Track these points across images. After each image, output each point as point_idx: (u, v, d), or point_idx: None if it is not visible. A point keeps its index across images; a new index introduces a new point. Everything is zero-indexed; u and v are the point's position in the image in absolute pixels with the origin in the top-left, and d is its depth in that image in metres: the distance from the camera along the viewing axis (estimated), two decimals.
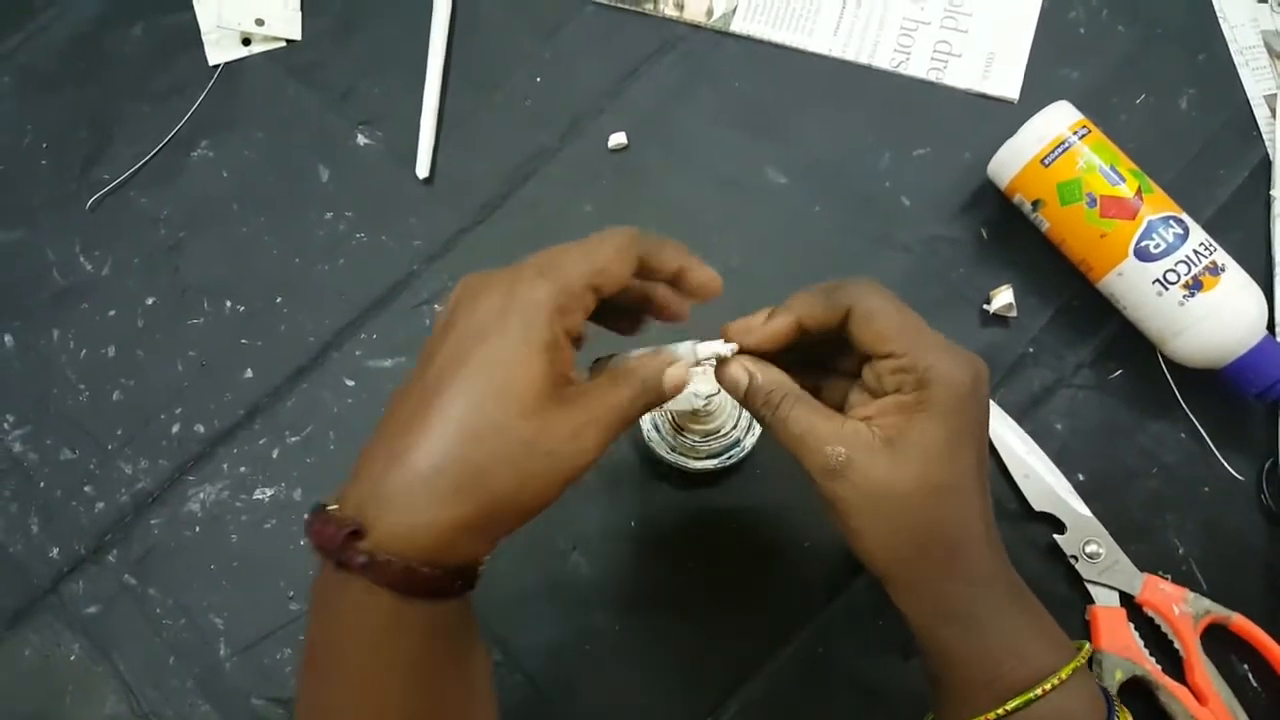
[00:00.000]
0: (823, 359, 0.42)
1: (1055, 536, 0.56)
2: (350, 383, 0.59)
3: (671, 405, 0.52)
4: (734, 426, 0.54)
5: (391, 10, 0.67)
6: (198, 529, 0.57)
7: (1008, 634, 0.38)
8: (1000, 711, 0.37)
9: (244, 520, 0.57)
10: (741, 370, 0.40)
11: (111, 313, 0.61)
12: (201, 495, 0.57)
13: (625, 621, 0.55)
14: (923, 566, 0.38)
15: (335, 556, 0.33)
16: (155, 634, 0.55)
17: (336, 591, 0.33)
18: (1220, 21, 0.68)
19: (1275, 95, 0.66)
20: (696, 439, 0.53)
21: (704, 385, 0.51)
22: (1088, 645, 0.41)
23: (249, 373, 0.59)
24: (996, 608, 0.39)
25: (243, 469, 0.57)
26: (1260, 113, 0.66)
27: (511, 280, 0.35)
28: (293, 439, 0.58)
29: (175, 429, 0.58)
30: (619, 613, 0.55)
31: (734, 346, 0.41)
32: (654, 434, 0.54)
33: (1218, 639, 0.55)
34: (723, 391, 0.52)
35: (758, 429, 0.54)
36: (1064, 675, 0.38)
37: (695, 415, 0.53)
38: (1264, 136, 0.65)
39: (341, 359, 0.59)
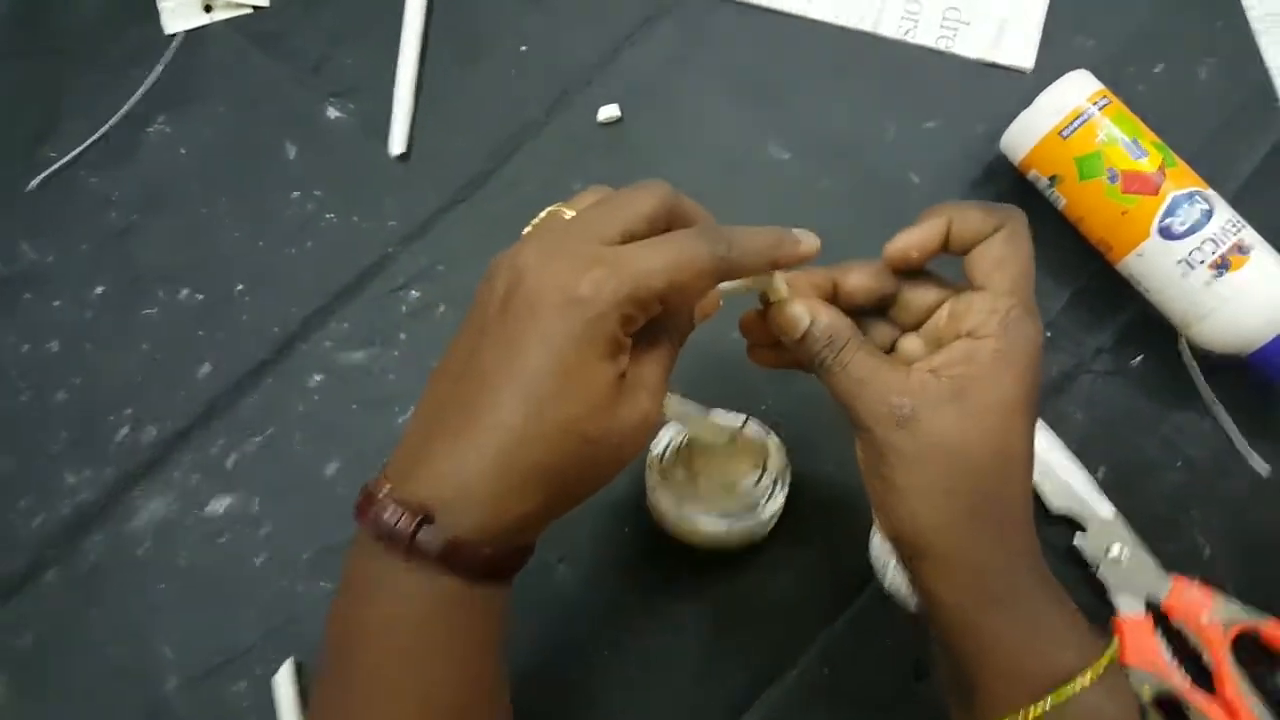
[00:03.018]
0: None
1: (1075, 542, 0.47)
2: (318, 378, 0.48)
3: (698, 432, 0.42)
4: (755, 483, 0.43)
5: None
6: (146, 544, 0.46)
7: (1043, 620, 0.33)
8: (1044, 707, 0.31)
9: (196, 536, 0.46)
10: (803, 310, 0.34)
11: (56, 303, 0.50)
12: (151, 507, 0.47)
13: (616, 642, 0.45)
14: (970, 534, 0.32)
15: (402, 543, 0.29)
16: (97, 663, 0.44)
17: (393, 575, 0.30)
18: None
19: None
20: (710, 486, 0.43)
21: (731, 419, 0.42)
22: (1116, 639, 0.34)
23: (206, 367, 0.48)
24: (1033, 590, 0.33)
25: (196, 477, 0.47)
26: None
27: (581, 270, 0.29)
28: (253, 441, 0.47)
29: (124, 432, 0.47)
30: (609, 633, 0.45)
31: (784, 282, 0.34)
32: (660, 487, 0.43)
33: (1249, 647, 0.46)
34: (749, 435, 0.43)
35: (778, 500, 0.43)
36: (1101, 668, 0.32)
37: (715, 453, 0.43)
38: None
39: (309, 351, 0.49)
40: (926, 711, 0.44)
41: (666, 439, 0.45)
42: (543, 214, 0.33)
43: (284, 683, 0.43)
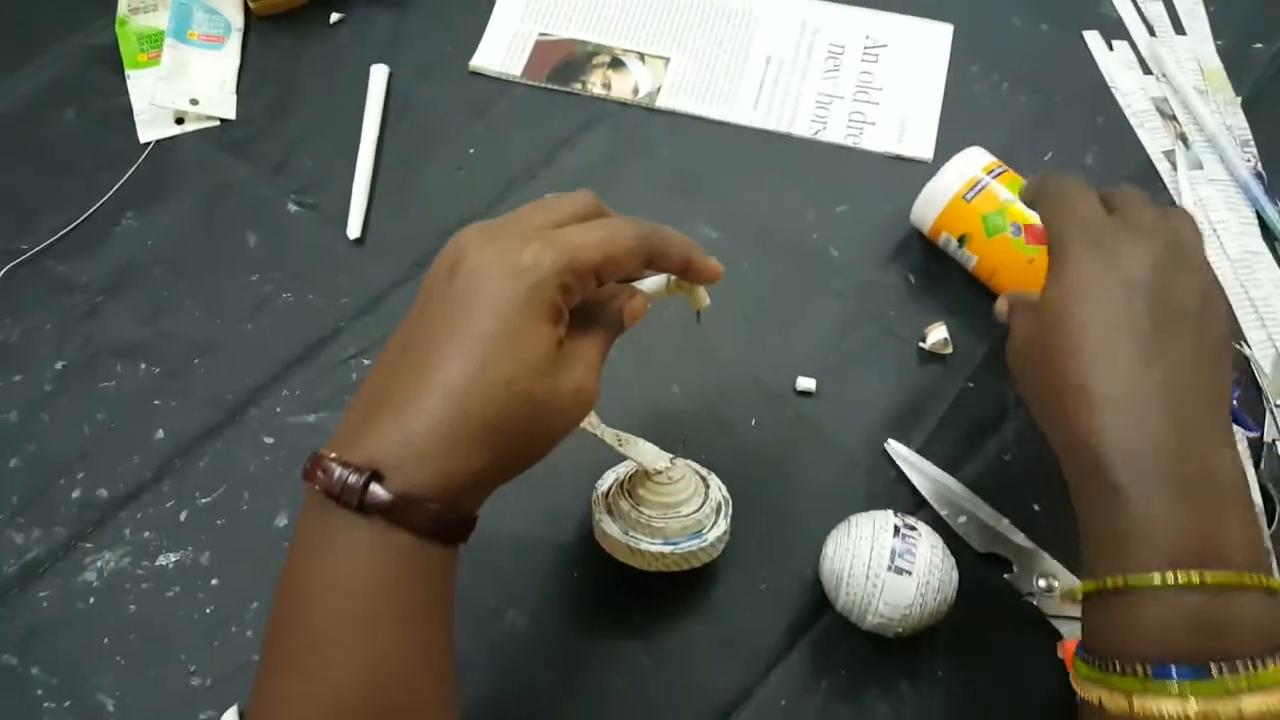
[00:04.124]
0: None
1: (1005, 576, 0.51)
2: (269, 440, 0.53)
3: (636, 456, 0.47)
4: (697, 510, 0.47)
5: (327, 93, 0.67)
6: (92, 600, 0.49)
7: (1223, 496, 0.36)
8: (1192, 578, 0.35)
9: (145, 589, 0.49)
10: None
11: (17, 378, 0.56)
12: (99, 563, 0.50)
13: (568, 684, 0.49)
14: (1043, 420, 0.41)
15: (353, 498, 0.32)
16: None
17: (343, 533, 0.33)
18: (1113, 91, 0.67)
19: (1173, 151, 0.65)
20: (653, 513, 0.47)
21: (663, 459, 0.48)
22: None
23: (160, 434, 0.53)
24: (1127, 494, 0.37)
25: (147, 534, 0.51)
26: (1162, 166, 0.66)
27: (521, 245, 0.34)
28: (203, 500, 0.52)
29: (76, 494, 0.52)
30: (560, 675, 0.49)
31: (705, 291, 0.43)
32: (606, 519, 0.48)
33: None
34: (687, 465, 0.49)
35: (722, 525, 0.48)
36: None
37: (656, 480, 0.47)
38: (1168, 185, 0.64)
39: (261, 416, 0.54)
40: None
41: (612, 478, 0.49)
42: None
43: None
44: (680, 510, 0.47)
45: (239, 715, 0.46)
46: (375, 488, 0.32)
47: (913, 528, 0.47)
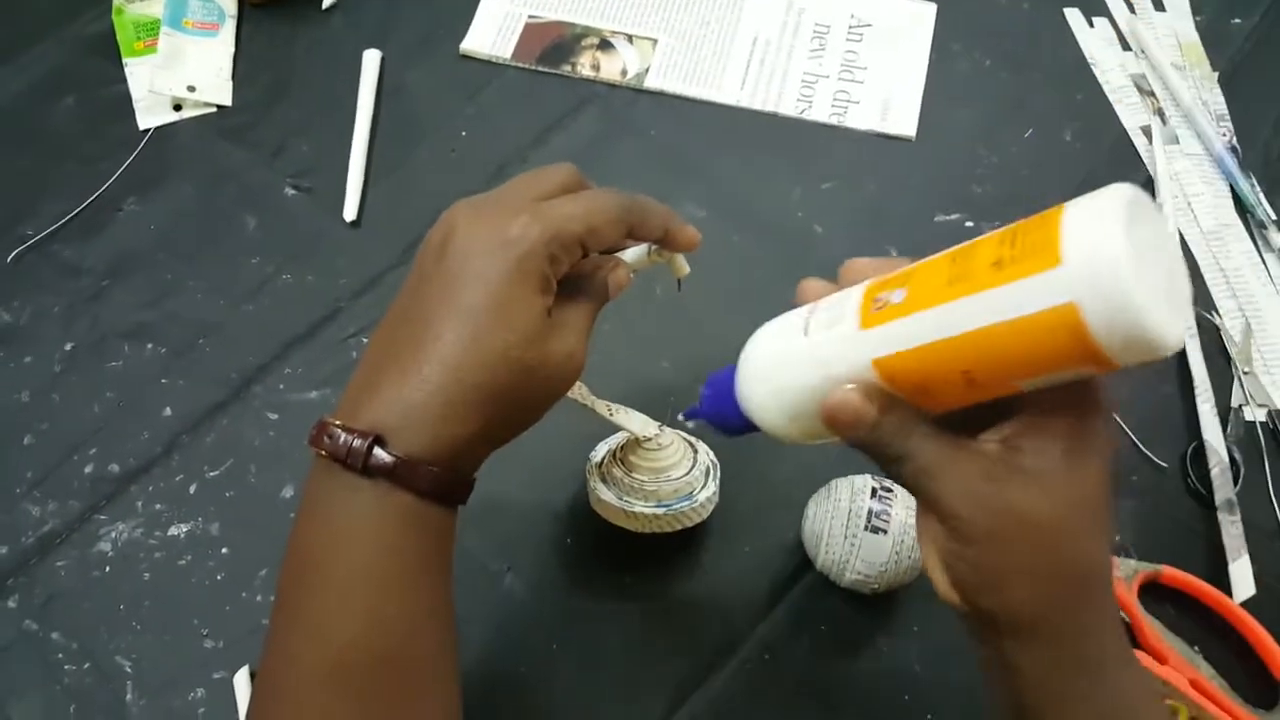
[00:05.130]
0: None
1: None
2: (273, 416, 0.57)
3: (627, 424, 0.50)
4: (687, 473, 0.51)
5: (321, 79, 0.71)
6: (107, 569, 0.54)
7: (1127, 686, 0.35)
8: None
9: (157, 558, 0.54)
10: (863, 400, 0.33)
11: (27, 359, 0.60)
12: (113, 534, 0.54)
13: (563, 640, 0.53)
14: (1070, 604, 0.33)
15: (357, 461, 0.35)
16: (55, 681, 0.51)
17: (348, 494, 0.35)
18: (1092, 67, 0.71)
19: (1149, 126, 0.69)
20: (645, 478, 0.51)
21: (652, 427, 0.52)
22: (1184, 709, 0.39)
23: (168, 410, 0.57)
24: (1119, 655, 0.35)
25: (158, 506, 0.55)
26: (1139, 140, 0.69)
27: (509, 218, 0.37)
28: (211, 474, 0.56)
29: (88, 469, 0.56)
30: (555, 632, 0.53)
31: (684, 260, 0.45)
32: (601, 486, 0.52)
33: (1154, 595, 0.54)
34: (676, 433, 0.53)
35: (711, 487, 0.52)
36: None
37: (646, 446, 0.51)
38: (1144, 159, 0.67)
39: (264, 393, 0.58)
40: (863, 693, 0.51)
41: (604, 449, 0.53)
42: None
43: (242, 683, 0.49)
44: (671, 474, 0.51)
45: (250, 675, 0.50)
46: (378, 451, 0.35)
47: (889, 490, 0.51)
